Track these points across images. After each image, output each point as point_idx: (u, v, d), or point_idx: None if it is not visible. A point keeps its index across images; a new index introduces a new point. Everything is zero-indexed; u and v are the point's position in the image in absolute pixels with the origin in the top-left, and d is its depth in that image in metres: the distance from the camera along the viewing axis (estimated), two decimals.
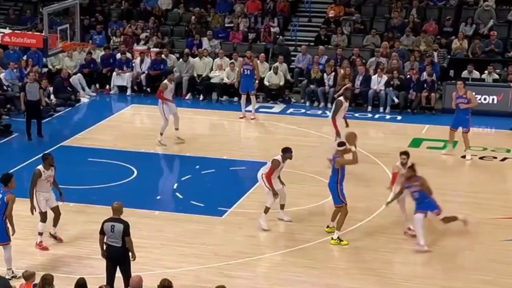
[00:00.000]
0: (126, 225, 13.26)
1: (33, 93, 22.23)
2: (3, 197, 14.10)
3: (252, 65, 23.96)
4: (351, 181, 18.81)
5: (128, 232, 13.23)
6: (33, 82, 22.47)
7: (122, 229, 13.18)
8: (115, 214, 13.45)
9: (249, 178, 19.30)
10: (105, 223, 13.34)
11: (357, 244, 16.00)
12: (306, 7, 30.45)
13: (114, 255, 13.33)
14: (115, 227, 13.20)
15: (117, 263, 13.37)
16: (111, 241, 13.29)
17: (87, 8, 30.13)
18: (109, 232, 13.25)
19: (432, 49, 26.86)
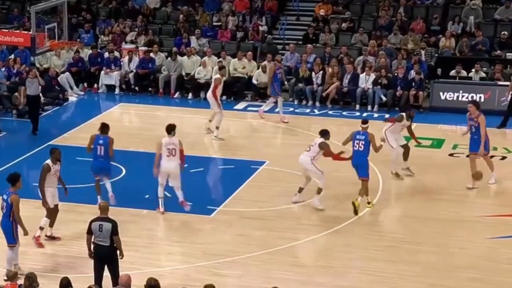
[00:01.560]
0: (114, 224, 13.24)
1: (33, 88, 22.42)
2: (8, 198, 14.05)
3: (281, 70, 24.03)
4: (338, 179, 18.95)
5: (116, 231, 13.21)
6: (34, 77, 22.65)
7: (110, 228, 13.15)
8: (102, 213, 13.44)
9: (237, 177, 19.40)
10: (93, 222, 13.32)
11: (347, 242, 16.02)
12: (294, 6, 30.51)
13: (102, 255, 13.31)
14: (103, 226, 13.17)
15: (105, 262, 13.36)
16: (99, 240, 13.26)
17: (75, 7, 30.08)
18: (97, 231, 13.22)
19: (419, 48, 26.93)
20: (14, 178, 14.26)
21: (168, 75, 26.76)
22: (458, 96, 25.04)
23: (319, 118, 24.56)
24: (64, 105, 25.52)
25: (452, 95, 25.09)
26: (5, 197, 14.11)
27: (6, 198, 14.07)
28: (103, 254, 13.29)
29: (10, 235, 14.13)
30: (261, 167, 20.02)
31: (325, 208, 17.43)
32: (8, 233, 14.13)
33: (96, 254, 13.37)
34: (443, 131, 23.29)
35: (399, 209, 17.87)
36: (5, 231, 14.17)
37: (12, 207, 13.99)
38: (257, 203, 18.19)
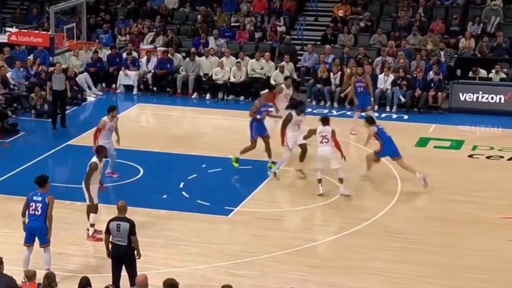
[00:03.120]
0: (132, 224, 13.23)
1: (58, 83, 22.71)
2: (44, 198, 14.00)
3: (365, 81, 22.71)
4: (357, 180, 18.91)
5: (134, 231, 13.20)
6: (59, 72, 22.94)
7: (128, 227, 13.15)
8: (120, 213, 13.44)
9: (255, 177, 19.37)
10: (111, 222, 13.32)
11: (362, 243, 15.96)
12: (312, 6, 30.39)
13: (119, 254, 13.30)
14: (121, 226, 13.17)
15: (122, 262, 13.34)
16: (116, 240, 13.25)
17: (93, 7, 30.11)
18: (115, 231, 13.21)
19: (439, 48, 26.77)
20: (43, 180, 14.26)
21: (186, 75, 26.74)
22: (478, 97, 24.88)
23: (337, 119, 24.30)
24: (82, 105, 25.56)
25: (472, 96, 24.92)
26: (39, 198, 14.01)
27: (41, 199, 13.99)
28: (120, 254, 13.27)
29: (45, 236, 14.11)
30: (280, 167, 19.87)
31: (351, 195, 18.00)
32: (44, 234, 14.08)
33: (114, 253, 13.35)
34: (462, 132, 23.12)
35: (415, 210, 17.75)
36: (41, 232, 14.09)
37: (48, 208, 13.98)
38: (274, 204, 18.19)
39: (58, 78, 22.81)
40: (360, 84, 22.60)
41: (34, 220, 13.96)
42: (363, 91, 22.59)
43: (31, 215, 13.97)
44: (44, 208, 13.91)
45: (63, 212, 17.10)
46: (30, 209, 13.98)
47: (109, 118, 18.56)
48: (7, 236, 16.04)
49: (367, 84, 22.59)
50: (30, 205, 13.99)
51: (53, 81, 22.85)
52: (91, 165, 15.78)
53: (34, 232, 14.05)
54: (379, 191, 18.69)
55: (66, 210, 17.33)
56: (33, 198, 13.99)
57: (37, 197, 13.98)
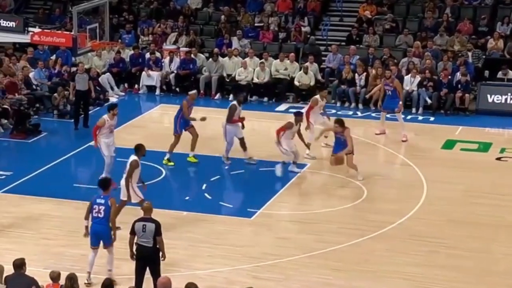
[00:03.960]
0: (158, 224, 13.19)
1: (82, 83, 22.73)
2: (107, 201, 14.00)
3: (392, 85, 22.15)
4: (381, 182, 18.73)
5: (159, 232, 13.14)
6: (83, 72, 23.00)
7: (154, 228, 13.11)
8: (146, 213, 13.42)
9: (279, 179, 19.24)
10: (136, 222, 13.27)
11: (387, 247, 15.79)
12: (337, 7, 30.16)
13: (144, 255, 13.22)
14: (146, 226, 13.12)
15: (147, 263, 13.28)
16: (142, 241, 13.19)
17: (116, 7, 30.07)
18: (140, 232, 13.15)
19: (466, 49, 26.47)
20: (106, 183, 14.31)
21: (209, 76, 26.60)
22: (506, 99, 24.53)
23: (362, 120, 24.30)
24: (104, 106, 25.36)
25: (500, 97, 24.58)
26: (102, 201, 14.00)
27: (104, 202, 13.97)
28: (145, 255, 13.20)
29: (109, 238, 14.09)
30: (303, 169, 19.78)
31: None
32: (108, 236, 14.05)
33: (138, 255, 13.28)
34: (490, 134, 22.81)
35: (441, 214, 17.50)
36: (105, 235, 14.05)
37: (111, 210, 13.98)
38: (298, 206, 18.08)
39: (81, 78, 22.84)
40: (388, 87, 22.19)
41: (97, 223, 13.96)
42: (392, 94, 22.13)
43: (95, 217, 13.98)
44: (107, 210, 13.92)
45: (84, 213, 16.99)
46: (94, 211, 13.99)
47: (110, 117, 18.34)
48: (29, 237, 16.02)
49: (395, 87, 22.15)
50: (93, 208, 14.00)
51: (76, 81, 22.87)
52: (132, 163, 15.82)
53: (98, 234, 14.06)
54: (404, 194, 18.48)
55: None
56: (96, 201, 14.02)
57: (100, 199, 14.02)
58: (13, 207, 17.44)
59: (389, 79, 22.24)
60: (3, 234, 16.06)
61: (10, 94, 23.59)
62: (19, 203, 17.63)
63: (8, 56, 26.04)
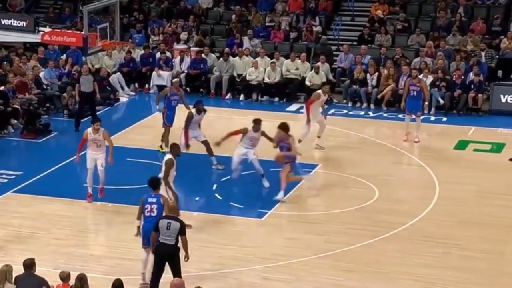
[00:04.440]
0: (182, 224, 13.27)
1: (87, 84, 22.60)
2: (159, 200, 13.94)
3: (419, 85, 21.59)
4: (394, 183, 18.60)
5: (184, 231, 13.19)
6: (87, 74, 22.87)
7: (179, 227, 13.16)
8: (171, 212, 13.51)
9: None
10: (161, 220, 13.31)
11: (399, 248, 15.67)
12: (349, 6, 30.04)
13: (165, 253, 13.25)
14: (171, 224, 13.15)
15: (166, 261, 13.30)
16: (165, 239, 13.18)
17: (126, 7, 30.01)
18: (164, 229, 13.14)
19: (479, 49, 26.30)
20: (156, 182, 14.27)
21: (219, 76, 26.51)
22: None
23: (373, 120, 24.22)
24: (115, 106, 25.47)
25: None
26: (154, 199, 13.88)
27: (156, 201, 13.87)
28: (166, 253, 13.22)
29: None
30: (314, 170, 19.72)
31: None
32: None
33: (159, 252, 13.30)
34: (503, 135, 22.60)
35: (454, 215, 17.37)
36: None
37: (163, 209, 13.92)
38: (308, 207, 17.99)
39: (86, 80, 22.68)
40: (414, 87, 21.51)
41: (150, 222, 13.79)
42: (416, 95, 21.51)
43: (147, 217, 13.86)
44: (159, 209, 13.85)
45: (95, 213, 17.00)
46: (146, 211, 13.88)
47: (92, 131, 17.41)
48: (39, 237, 15.97)
49: (421, 88, 21.57)
50: (145, 208, 13.89)
51: (81, 83, 22.72)
52: (167, 162, 15.74)
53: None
54: (416, 194, 18.35)
55: (97, 211, 17.24)
56: (148, 200, 13.92)
57: (151, 198, 13.94)
58: (24, 207, 17.42)
59: (415, 79, 21.68)
60: (14, 234, 16.01)
61: (21, 94, 23.60)
62: (30, 203, 17.61)
63: (19, 56, 26.03)
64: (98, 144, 17.42)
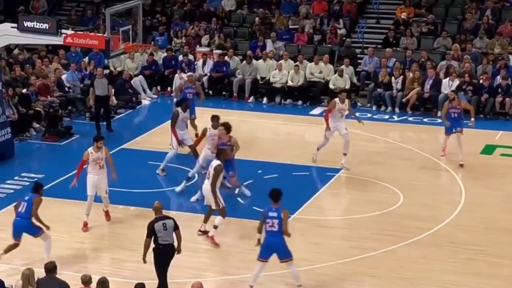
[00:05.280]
0: (174, 219, 13.54)
1: (101, 88, 22.53)
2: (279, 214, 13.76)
3: (459, 107, 20.11)
4: (419, 187, 18.37)
5: (177, 225, 13.44)
6: (102, 77, 22.81)
7: (173, 223, 13.39)
8: (158, 213, 13.58)
9: (312, 184, 19.05)
10: (155, 224, 13.35)
11: (423, 254, 15.48)
12: (374, 8, 29.77)
13: (168, 255, 13.33)
14: (166, 224, 13.31)
15: (169, 262, 13.41)
16: (164, 240, 13.27)
17: (149, 9, 29.93)
18: (161, 231, 13.24)
19: (507, 52, 25.98)
20: (278, 194, 14.00)
21: (242, 78, 26.35)
22: None
23: (398, 124, 24.04)
24: (137, 109, 25.38)
25: None
26: (274, 214, 13.69)
27: (276, 215, 13.67)
28: (169, 254, 13.34)
29: (285, 250, 13.86)
30: (337, 174, 19.54)
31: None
32: (283, 248, 13.84)
33: (162, 255, 13.30)
34: None
35: (480, 220, 17.15)
36: (280, 247, 13.83)
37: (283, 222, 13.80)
38: (332, 211, 17.83)
39: (100, 83, 22.55)
40: (454, 110, 20.03)
41: (272, 236, 13.76)
42: (457, 116, 20.10)
43: (268, 231, 13.78)
44: (280, 223, 13.73)
45: (117, 217, 16.87)
46: (267, 225, 13.78)
47: (94, 149, 16.51)
48: (61, 240, 15.86)
49: (462, 109, 20.20)
50: (266, 222, 13.80)
51: (95, 86, 22.59)
52: (217, 168, 15.60)
53: (273, 247, 13.87)
54: (442, 200, 18.12)
55: (119, 215, 17.14)
56: (269, 215, 13.80)
57: (272, 213, 13.80)
58: (45, 210, 17.13)
59: (454, 101, 20.13)
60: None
61: (43, 97, 23.55)
62: (51, 206, 17.43)
63: (41, 58, 26.01)
64: (101, 164, 16.50)
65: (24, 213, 14.77)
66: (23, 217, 14.77)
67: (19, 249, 15.20)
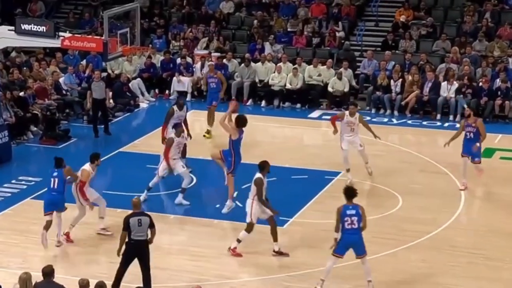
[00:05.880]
0: (150, 216, 13.65)
1: (98, 91, 22.54)
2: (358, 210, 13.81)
3: (475, 125, 18.48)
4: (418, 191, 18.29)
5: (153, 223, 13.58)
6: (99, 80, 22.81)
7: (149, 220, 13.52)
8: (136, 208, 13.72)
9: (311, 187, 18.95)
10: (131, 218, 13.49)
11: (423, 257, 15.42)
12: (373, 11, 29.71)
13: (139, 250, 13.50)
14: (142, 220, 13.48)
15: (139, 257, 13.57)
16: (138, 236, 13.43)
17: (147, 12, 29.86)
18: (136, 226, 13.40)
19: (506, 55, 25.94)
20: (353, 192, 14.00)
21: (241, 81, 26.27)
22: None
23: (397, 127, 24.00)
24: (135, 112, 25.33)
25: None
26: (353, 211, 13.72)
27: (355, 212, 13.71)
28: (139, 250, 13.52)
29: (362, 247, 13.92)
30: (336, 177, 19.48)
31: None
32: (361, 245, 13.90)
33: (134, 250, 13.48)
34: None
35: (480, 224, 17.12)
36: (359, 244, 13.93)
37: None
38: (330, 215, 17.36)
39: (97, 86, 22.56)
40: (470, 129, 18.53)
41: (352, 233, 13.76)
42: (474, 137, 18.51)
43: (348, 229, 13.75)
44: (359, 220, 13.73)
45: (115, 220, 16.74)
46: (346, 223, 13.74)
47: (93, 167, 16.18)
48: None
49: (477, 128, 18.63)
50: (345, 220, 13.75)
51: (92, 89, 22.58)
52: (257, 182, 15.36)
53: (352, 244, 13.89)
54: (441, 203, 18.03)
55: (118, 218, 16.89)
56: (346, 213, 13.77)
57: (350, 210, 13.77)
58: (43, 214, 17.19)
59: (470, 119, 18.60)
60: (33, 241, 15.87)
61: (40, 99, 23.46)
62: None
63: (38, 61, 25.91)
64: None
65: (57, 188, 15.54)
66: (58, 192, 15.56)
67: (16, 252, 15.15)
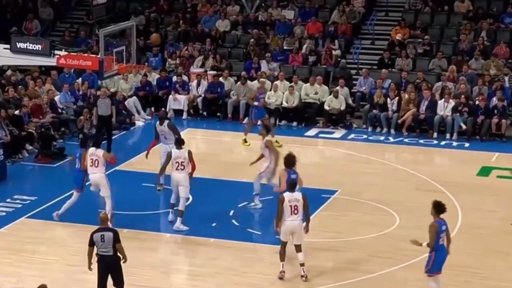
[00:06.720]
0: (115, 232, 13.56)
1: (104, 108, 22.61)
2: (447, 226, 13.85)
3: None
4: (415, 209, 18.22)
5: (118, 239, 13.45)
6: (105, 97, 22.86)
7: (112, 236, 13.44)
8: (103, 224, 13.72)
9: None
10: (94, 234, 13.51)
11: (420, 277, 15.04)
12: (369, 29, 29.73)
13: (106, 265, 13.50)
14: (105, 236, 13.43)
15: (109, 272, 13.58)
16: (102, 251, 13.46)
17: (143, 30, 29.84)
18: (99, 242, 13.44)
19: (502, 74, 25.92)
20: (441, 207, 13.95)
21: (237, 100, 26.21)
22: None
23: (394, 146, 23.94)
24: (131, 130, 25.25)
25: None
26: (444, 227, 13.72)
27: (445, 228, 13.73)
28: (107, 264, 13.51)
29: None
30: (333, 196, 19.40)
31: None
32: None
33: (101, 264, 13.53)
34: None
35: (477, 243, 17.01)
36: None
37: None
38: (327, 234, 17.61)
39: (103, 103, 22.63)
40: None
41: (445, 250, 13.83)
42: None
43: (442, 245, 13.72)
44: (448, 235, 13.82)
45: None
46: (440, 240, 13.69)
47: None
48: (53, 263, 15.77)
49: None
50: (440, 237, 13.69)
51: (98, 106, 22.65)
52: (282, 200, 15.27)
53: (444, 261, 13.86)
54: None
55: None
56: (442, 229, 13.72)
57: (444, 226, 13.75)
58: (38, 233, 17.23)
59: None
60: (27, 260, 15.82)
61: (35, 118, 23.39)
62: (44, 229, 17.43)
63: (34, 79, 25.86)
64: None
65: (78, 168, 17.52)
66: (79, 171, 17.44)
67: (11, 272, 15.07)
